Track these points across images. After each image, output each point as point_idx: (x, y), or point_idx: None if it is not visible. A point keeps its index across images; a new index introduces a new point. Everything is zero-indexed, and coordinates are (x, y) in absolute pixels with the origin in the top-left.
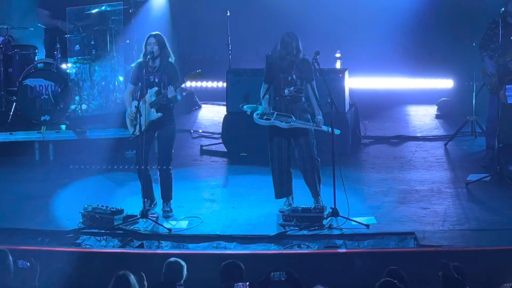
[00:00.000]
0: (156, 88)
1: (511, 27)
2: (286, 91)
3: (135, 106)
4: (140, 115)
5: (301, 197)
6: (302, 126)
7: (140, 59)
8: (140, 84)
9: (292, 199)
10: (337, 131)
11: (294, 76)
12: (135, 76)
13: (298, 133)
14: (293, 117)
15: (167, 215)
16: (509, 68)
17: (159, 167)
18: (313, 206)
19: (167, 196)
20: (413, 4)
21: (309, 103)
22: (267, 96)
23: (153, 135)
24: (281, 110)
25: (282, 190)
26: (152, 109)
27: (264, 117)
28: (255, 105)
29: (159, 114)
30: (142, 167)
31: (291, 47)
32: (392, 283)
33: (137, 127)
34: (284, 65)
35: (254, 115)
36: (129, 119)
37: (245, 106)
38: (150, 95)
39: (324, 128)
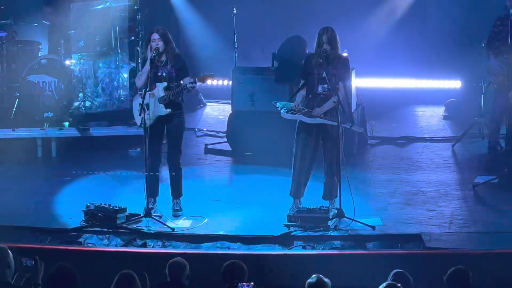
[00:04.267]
0: (165, 84)
1: None
2: (319, 88)
3: (140, 104)
4: (147, 109)
5: (308, 197)
6: (326, 122)
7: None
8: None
9: (300, 202)
10: (359, 129)
11: (329, 73)
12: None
13: (328, 134)
14: (322, 115)
15: (177, 213)
16: None
17: (168, 163)
18: (319, 206)
19: (177, 193)
20: (420, 4)
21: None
22: (301, 92)
23: (162, 129)
24: (313, 108)
25: (298, 190)
26: (161, 105)
27: (291, 112)
28: (287, 103)
29: (168, 110)
30: (149, 165)
31: (322, 42)
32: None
33: (143, 121)
34: (319, 60)
35: (282, 109)
36: (136, 108)
37: (277, 103)
38: (159, 90)
39: (347, 126)
